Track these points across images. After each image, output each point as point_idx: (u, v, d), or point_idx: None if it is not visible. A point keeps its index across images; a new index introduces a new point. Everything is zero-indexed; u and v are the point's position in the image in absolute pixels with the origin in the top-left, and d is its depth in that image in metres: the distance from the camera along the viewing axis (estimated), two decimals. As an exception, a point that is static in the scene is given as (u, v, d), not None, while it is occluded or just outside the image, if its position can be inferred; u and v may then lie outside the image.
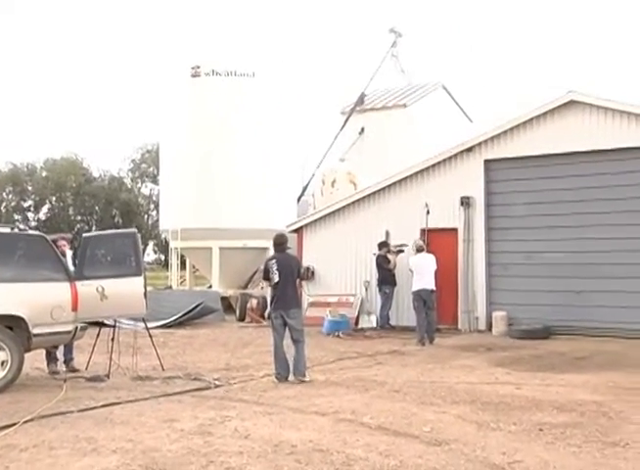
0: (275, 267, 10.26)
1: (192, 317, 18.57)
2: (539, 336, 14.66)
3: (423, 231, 16.69)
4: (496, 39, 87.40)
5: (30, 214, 58.42)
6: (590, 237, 14.97)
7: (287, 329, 10.26)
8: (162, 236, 30.29)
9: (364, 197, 18.08)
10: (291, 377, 10.13)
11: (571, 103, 15.24)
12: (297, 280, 10.61)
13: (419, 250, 14.96)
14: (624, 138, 14.66)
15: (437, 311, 14.92)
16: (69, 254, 10.99)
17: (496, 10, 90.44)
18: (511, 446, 6.64)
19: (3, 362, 9.33)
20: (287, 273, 10.25)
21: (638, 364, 11.42)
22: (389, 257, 16.87)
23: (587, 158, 15.07)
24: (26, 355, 9.78)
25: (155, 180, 53.77)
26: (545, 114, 15.59)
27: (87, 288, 9.99)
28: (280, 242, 10.57)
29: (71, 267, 10.42)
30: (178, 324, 17.96)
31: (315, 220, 18.88)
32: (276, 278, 10.23)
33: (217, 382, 9.94)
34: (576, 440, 6.87)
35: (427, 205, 16.61)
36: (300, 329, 10.31)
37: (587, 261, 14.97)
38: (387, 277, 16.85)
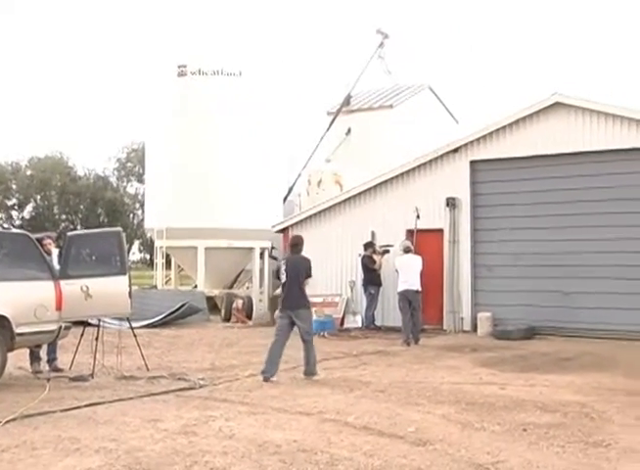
0: (284, 268, 10.57)
1: (177, 317, 18.50)
2: (524, 337, 14.72)
3: (409, 232, 16.71)
4: (483, 40, 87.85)
5: (15, 213, 58.12)
6: (576, 238, 15.03)
7: (292, 329, 10.48)
8: (148, 235, 30.16)
9: (350, 197, 18.09)
10: (274, 378, 10.14)
11: (557, 105, 15.31)
12: (306, 281, 10.66)
13: (406, 251, 14.97)
14: (609, 140, 14.74)
15: (423, 312, 14.94)
16: (55, 252, 10.90)
17: (484, 11, 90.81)
18: (495, 446, 6.66)
19: (-14, 361, 9.27)
20: (293, 274, 10.49)
21: (622, 366, 11.48)
22: (375, 257, 16.89)
23: (573, 159, 15.14)
24: (9, 355, 9.72)
25: (140, 179, 53.58)
26: (531, 115, 15.65)
27: (71, 287, 9.94)
28: (295, 243, 10.93)
29: (57, 266, 10.35)
30: (163, 324, 17.90)
31: (301, 221, 18.87)
32: (283, 278, 10.53)
33: (202, 382, 9.91)
34: (560, 440, 6.90)
35: (417, 209, 16.53)
36: (308, 329, 10.51)
37: (572, 263, 15.03)
38: (372, 278, 16.88)
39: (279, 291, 20.73)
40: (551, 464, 6.19)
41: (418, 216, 16.56)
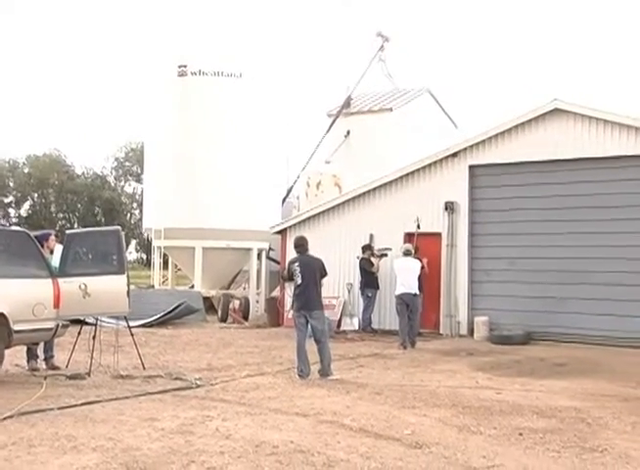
0: (298, 270, 10.60)
1: (173, 317, 18.51)
2: (520, 341, 14.75)
3: (408, 235, 16.72)
4: (484, 45, 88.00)
5: (12, 211, 58.08)
6: (573, 244, 15.07)
7: (309, 328, 10.61)
8: (145, 235, 30.16)
9: (349, 200, 18.12)
10: (312, 376, 10.42)
11: (556, 111, 15.35)
12: (320, 281, 10.84)
13: (405, 254, 14.99)
14: (608, 147, 14.79)
15: (420, 316, 14.96)
16: (59, 249, 10.84)
17: (485, 16, 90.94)
18: (491, 450, 6.68)
19: (-18, 358, 9.27)
20: (309, 275, 10.60)
21: (617, 371, 11.52)
22: (373, 260, 16.91)
23: (571, 166, 15.19)
24: (7, 352, 9.72)
25: (138, 179, 53.60)
26: (530, 121, 15.69)
27: (69, 285, 9.94)
28: (300, 244, 10.97)
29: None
30: (159, 323, 17.90)
31: (299, 222, 18.89)
32: (299, 280, 10.59)
33: (199, 382, 9.92)
34: (555, 445, 6.93)
35: (418, 219, 16.53)
36: (322, 329, 10.67)
37: (569, 269, 15.07)
38: (370, 280, 16.90)
39: (275, 293, 20.96)
40: (547, 469, 6.22)
41: (418, 227, 16.52)
